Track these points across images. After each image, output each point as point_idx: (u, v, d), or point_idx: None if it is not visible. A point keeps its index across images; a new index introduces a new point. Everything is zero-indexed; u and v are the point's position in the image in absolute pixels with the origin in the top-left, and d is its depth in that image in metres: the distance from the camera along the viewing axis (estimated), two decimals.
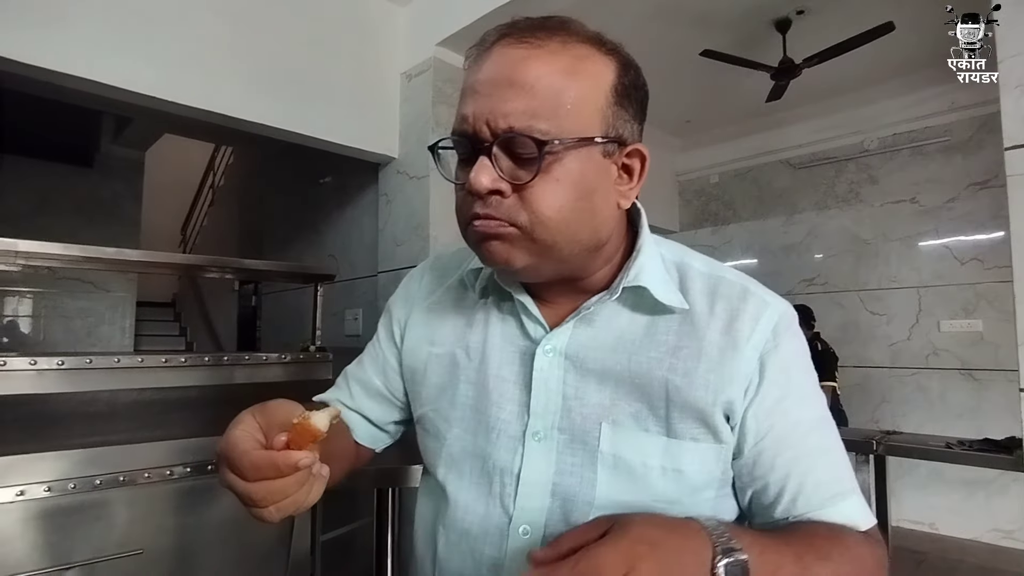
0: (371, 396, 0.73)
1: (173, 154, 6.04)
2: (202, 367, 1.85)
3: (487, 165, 0.50)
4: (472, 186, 0.50)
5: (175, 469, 1.78)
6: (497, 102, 0.50)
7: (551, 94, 0.50)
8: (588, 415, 0.55)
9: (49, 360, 1.58)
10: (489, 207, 0.51)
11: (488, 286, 0.64)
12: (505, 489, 0.56)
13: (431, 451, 0.64)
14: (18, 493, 1.53)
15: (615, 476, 0.54)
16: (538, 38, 0.52)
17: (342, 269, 3.15)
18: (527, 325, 0.60)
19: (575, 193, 0.51)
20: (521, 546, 0.54)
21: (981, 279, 3.60)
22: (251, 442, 0.47)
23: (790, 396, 0.56)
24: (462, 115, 0.52)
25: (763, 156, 4.64)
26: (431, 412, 0.64)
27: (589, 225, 0.53)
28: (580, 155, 0.51)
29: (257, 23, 2.39)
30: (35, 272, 4.22)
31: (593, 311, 0.58)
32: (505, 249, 0.52)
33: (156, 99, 2.13)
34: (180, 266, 2.76)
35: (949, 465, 2.60)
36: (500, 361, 0.60)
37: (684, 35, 3.13)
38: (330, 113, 2.56)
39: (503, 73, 0.51)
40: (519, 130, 0.49)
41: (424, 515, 0.65)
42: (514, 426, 0.57)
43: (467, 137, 0.52)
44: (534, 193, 0.50)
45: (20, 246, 1.63)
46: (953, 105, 3.70)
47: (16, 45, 1.83)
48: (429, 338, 0.67)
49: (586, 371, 0.56)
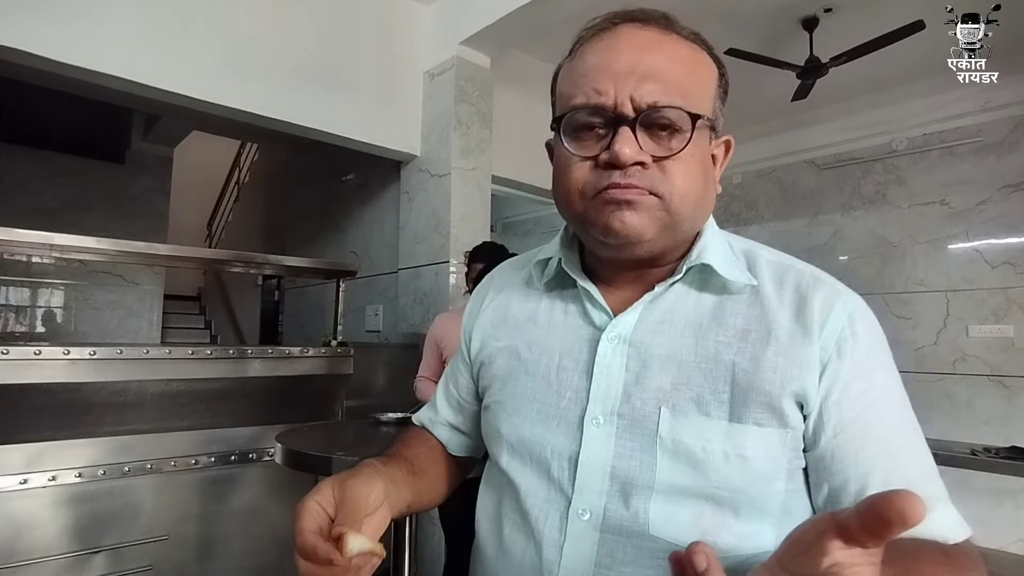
0: (452, 407, 0.76)
1: (200, 151, 6.16)
2: (227, 360, 1.90)
3: (631, 138, 0.51)
4: (618, 157, 0.51)
5: (200, 458, 1.83)
6: (639, 79, 0.51)
7: (686, 76, 0.53)
8: (648, 399, 0.55)
9: (81, 350, 1.63)
10: (631, 176, 0.52)
11: (554, 277, 0.65)
12: (564, 473, 0.56)
13: (494, 441, 0.65)
14: (50, 478, 1.59)
15: (675, 461, 0.53)
16: (661, 26, 0.55)
17: (363, 265, 3.19)
18: (591, 312, 0.61)
19: (703, 169, 0.55)
20: (581, 528, 0.54)
21: (1013, 283, 3.50)
22: (314, 521, 0.48)
23: (875, 389, 0.54)
24: (596, 89, 0.53)
25: (787, 156, 4.57)
26: (494, 404, 0.65)
27: (707, 202, 0.57)
28: (704, 136, 0.55)
29: (284, 23, 2.43)
30: (68, 264, 4.35)
31: (659, 296, 0.58)
32: (639, 218, 0.53)
33: (186, 97, 2.18)
34: (206, 261, 2.82)
35: (976, 473, 2.54)
36: (562, 351, 0.61)
37: (709, 33, 3.04)
38: (354, 111, 2.59)
39: (641, 53, 0.53)
40: (667, 104, 0.51)
41: (487, 503, 0.66)
42: (573, 412, 0.57)
43: (603, 111, 0.52)
44: (676, 166, 0.52)
45: (55, 239, 1.68)
46: (986, 105, 3.61)
47: (51, 44, 1.88)
48: (494, 335, 0.69)
49: (650, 356, 0.56)
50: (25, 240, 1.63)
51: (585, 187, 0.54)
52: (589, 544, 0.54)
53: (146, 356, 1.73)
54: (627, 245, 0.54)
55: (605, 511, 0.54)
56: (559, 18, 2.56)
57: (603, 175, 0.53)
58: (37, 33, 1.86)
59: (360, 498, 0.51)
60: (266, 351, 1.99)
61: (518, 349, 0.65)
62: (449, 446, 0.76)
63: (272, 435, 1.80)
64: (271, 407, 1.97)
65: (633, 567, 0.52)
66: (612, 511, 0.53)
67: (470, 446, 0.76)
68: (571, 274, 0.62)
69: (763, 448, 0.52)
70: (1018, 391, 3.43)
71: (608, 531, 0.53)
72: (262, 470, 1.91)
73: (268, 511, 1.93)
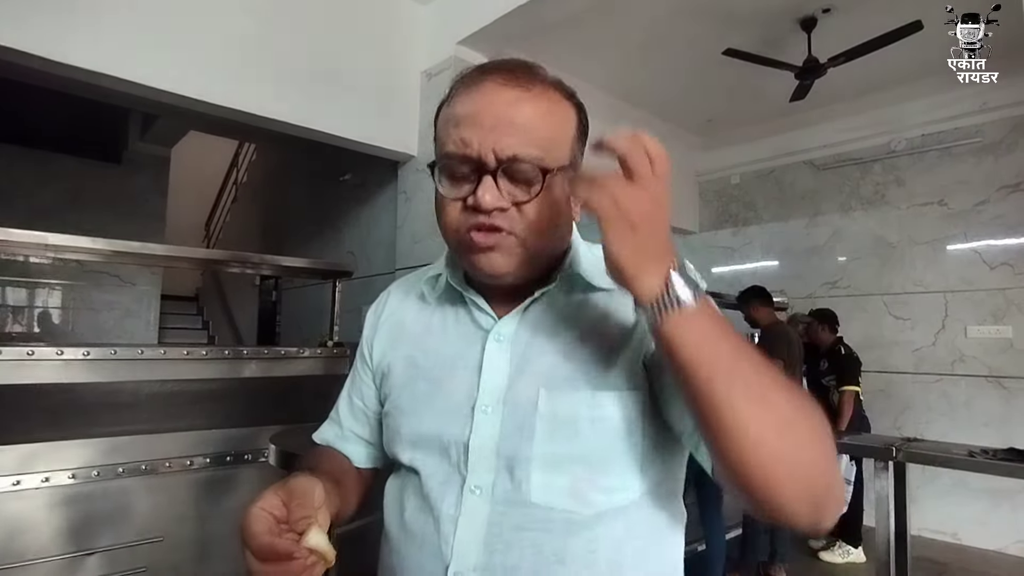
0: (357, 418, 0.81)
1: (198, 151, 6.14)
2: (223, 360, 1.89)
3: (492, 186, 0.59)
4: (481, 203, 0.59)
5: (195, 459, 1.82)
6: (501, 134, 0.59)
7: (542, 130, 0.61)
8: (529, 384, 0.63)
9: (75, 351, 1.62)
10: (494, 218, 0.60)
11: (444, 291, 0.73)
12: (460, 457, 0.63)
13: (395, 442, 0.70)
14: (43, 480, 1.58)
15: (551, 431, 0.60)
16: (522, 82, 0.62)
17: (360, 266, 3.18)
18: (479, 319, 0.69)
19: (556, 209, 0.62)
20: (474, 503, 0.61)
21: (1011, 284, 3.51)
22: (264, 524, 0.52)
23: None
24: (463, 139, 0.60)
25: (786, 156, 4.57)
26: (394, 409, 0.72)
27: (562, 233, 0.66)
28: (559, 179, 0.61)
29: (281, 23, 2.42)
30: (64, 265, 4.33)
31: (537, 301, 0.67)
32: (500, 258, 0.61)
33: (183, 97, 2.17)
34: (203, 261, 2.81)
35: (974, 474, 2.54)
36: (455, 355, 0.68)
37: (707, 34, 3.10)
38: (351, 111, 2.59)
39: (502, 110, 0.60)
40: (521, 158, 0.59)
41: (392, 491, 0.72)
42: (465, 405, 0.65)
43: (470, 160, 0.60)
44: (532, 209, 0.60)
45: (50, 239, 1.67)
46: (985, 105, 3.61)
47: (47, 43, 1.88)
48: (392, 346, 0.76)
49: (530, 350, 0.65)
50: (20, 240, 1.62)
51: (458, 225, 0.62)
52: (481, 516, 0.61)
53: (140, 356, 1.72)
54: (493, 278, 0.64)
55: (494, 486, 0.61)
56: (556, 18, 2.56)
57: (471, 216, 0.61)
58: (33, 32, 1.85)
59: (307, 490, 0.56)
60: (261, 351, 1.98)
61: (415, 357, 0.72)
62: (356, 459, 0.80)
63: (267, 436, 1.79)
64: (266, 408, 1.97)
65: (516, 532, 0.60)
66: (499, 485, 0.61)
67: (376, 457, 0.81)
68: (457, 288, 0.70)
69: (622, 408, 0.61)
70: (1016, 392, 3.43)
71: (497, 503, 0.61)
72: (257, 471, 1.90)
73: None
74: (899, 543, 1.72)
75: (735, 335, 0.51)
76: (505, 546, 0.60)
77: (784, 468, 0.48)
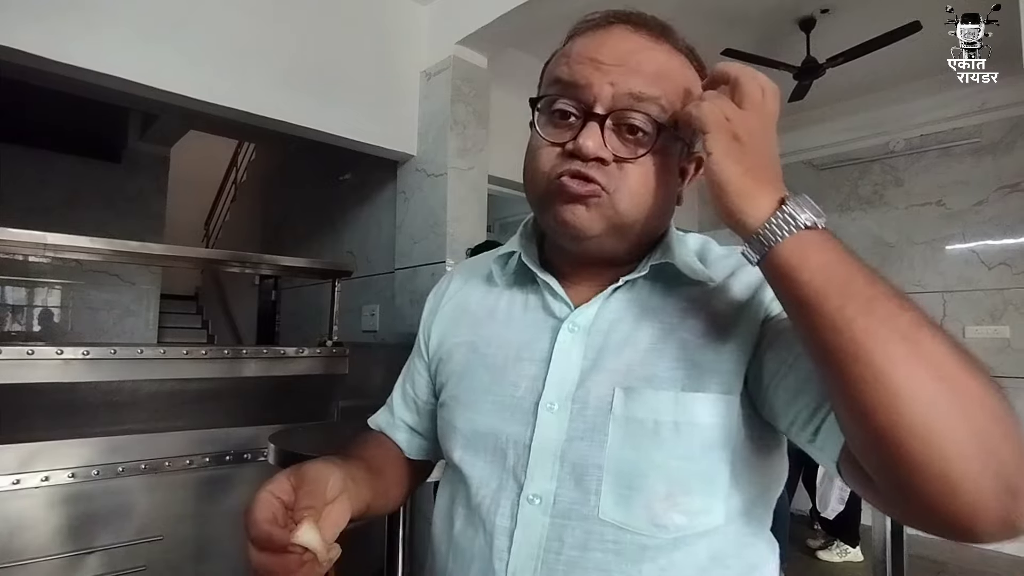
0: (409, 408, 0.76)
1: (197, 150, 6.14)
2: (222, 360, 1.89)
3: (597, 132, 0.53)
4: (580, 149, 0.52)
5: (195, 458, 1.82)
6: (621, 78, 0.53)
7: (667, 87, 0.54)
8: (602, 382, 0.55)
9: (75, 350, 1.62)
10: (590, 169, 0.53)
11: (515, 273, 0.66)
12: (519, 461, 0.56)
13: (449, 436, 0.64)
14: (43, 479, 1.58)
15: (626, 436, 0.53)
16: (655, 33, 0.56)
17: (360, 265, 3.18)
18: (552, 305, 0.61)
19: (662, 179, 0.55)
20: (531, 513, 0.54)
21: (1009, 284, 3.51)
22: (268, 510, 0.48)
23: None
24: (576, 81, 0.54)
25: (785, 157, 4.48)
26: (450, 399, 0.65)
27: (662, 211, 0.58)
28: (672, 148, 0.56)
29: (281, 22, 2.42)
30: (64, 264, 4.33)
31: (620, 290, 0.59)
32: (588, 214, 0.54)
33: (183, 96, 2.17)
34: (202, 260, 2.82)
35: None
36: (520, 344, 0.61)
37: (705, 33, 3.10)
38: (350, 111, 2.59)
39: (628, 54, 0.54)
40: (644, 96, 0.52)
41: (441, 504, 0.65)
42: (528, 400, 0.57)
43: (580, 102, 0.54)
44: (634, 170, 0.54)
45: (49, 239, 1.67)
46: (984, 106, 3.61)
47: (46, 42, 1.88)
48: (452, 331, 0.69)
49: (607, 345, 0.57)
50: (19, 240, 1.62)
51: (550, 170, 0.56)
52: (539, 529, 0.53)
53: (140, 356, 1.73)
54: (576, 238, 0.56)
55: (556, 496, 0.53)
56: (556, 18, 2.56)
57: (566, 161, 0.54)
58: (32, 31, 1.85)
59: (320, 479, 0.51)
60: (261, 351, 1.99)
61: (476, 344, 0.65)
62: (407, 449, 0.75)
63: (267, 435, 1.80)
64: (266, 407, 1.97)
65: (580, 550, 0.52)
66: (562, 495, 0.53)
67: (427, 448, 0.75)
68: (530, 267, 0.63)
69: (713, 414, 0.52)
70: (1015, 392, 3.37)
71: (558, 516, 0.53)
72: (257, 470, 1.91)
73: None
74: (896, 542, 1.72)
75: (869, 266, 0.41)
76: (566, 567, 0.52)
77: (953, 425, 0.35)
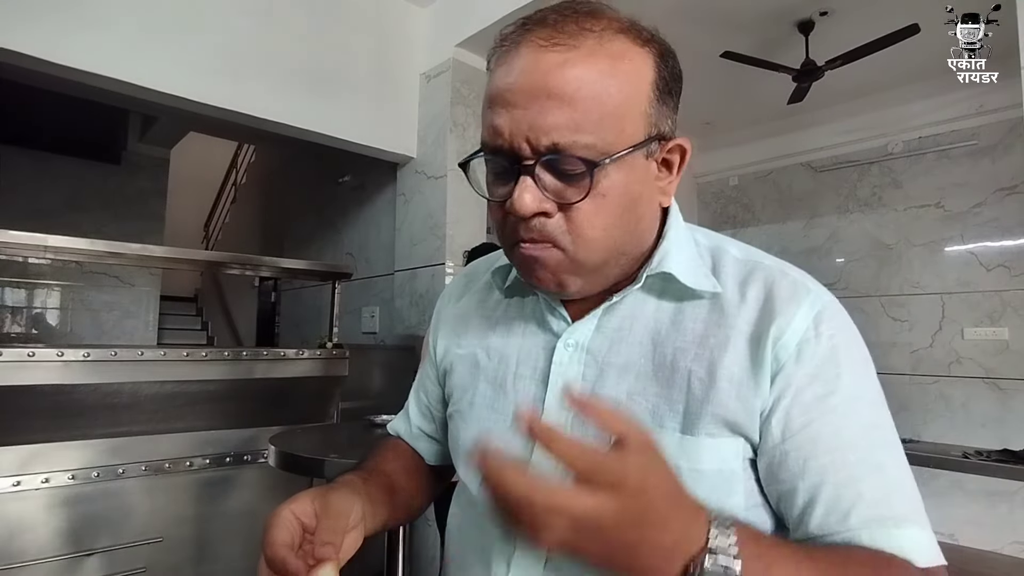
0: (424, 415, 0.74)
1: (197, 152, 6.15)
2: (222, 361, 1.89)
3: (531, 186, 0.47)
4: (516, 209, 0.47)
5: (195, 460, 1.83)
6: (536, 115, 0.46)
7: (593, 103, 0.46)
8: None
9: (75, 352, 1.62)
10: (532, 231, 0.49)
11: (514, 283, 0.63)
12: None
13: (455, 451, 0.64)
14: (43, 480, 1.58)
15: None
16: (569, 36, 0.47)
17: (359, 267, 3.19)
18: (550, 320, 0.59)
19: (622, 206, 0.49)
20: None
21: (1008, 286, 3.51)
22: (287, 532, 0.47)
23: (837, 394, 0.49)
24: (494, 127, 0.48)
25: (784, 159, 4.58)
26: (455, 413, 0.64)
27: (634, 235, 0.53)
28: (625, 164, 0.48)
29: (281, 25, 2.43)
30: (64, 266, 4.33)
31: (617, 303, 0.56)
32: (550, 274, 0.51)
33: (183, 98, 2.18)
34: (202, 262, 2.82)
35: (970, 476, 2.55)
36: (520, 359, 0.59)
37: (705, 36, 3.10)
38: (350, 113, 2.59)
39: (538, 82, 0.46)
40: (564, 147, 0.46)
41: (452, 530, 0.64)
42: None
43: (503, 153, 0.48)
44: (582, 213, 0.48)
45: (49, 241, 1.67)
46: (982, 108, 3.62)
47: (47, 45, 1.88)
48: (456, 341, 0.67)
49: (607, 364, 0.54)
50: (19, 242, 1.63)
51: (509, 236, 0.52)
52: (538, 555, 0.51)
53: (140, 358, 1.73)
54: (556, 294, 0.54)
55: None
56: None
57: (514, 225, 0.50)
58: (33, 34, 1.85)
59: (344, 512, 0.50)
60: (261, 353, 1.99)
61: (477, 356, 0.63)
62: (429, 458, 0.74)
63: (267, 437, 1.80)
64: (266, 409, 1.97)
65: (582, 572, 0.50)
66: None
67: (445, 454, 0.73)
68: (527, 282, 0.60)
69: (718, 460, 0.49)
70: (1013, 393, 3.44)
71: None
72: (257, 472, 1.91)
73: (262, 513, 1.91)
74: None
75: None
76: None
77: None
